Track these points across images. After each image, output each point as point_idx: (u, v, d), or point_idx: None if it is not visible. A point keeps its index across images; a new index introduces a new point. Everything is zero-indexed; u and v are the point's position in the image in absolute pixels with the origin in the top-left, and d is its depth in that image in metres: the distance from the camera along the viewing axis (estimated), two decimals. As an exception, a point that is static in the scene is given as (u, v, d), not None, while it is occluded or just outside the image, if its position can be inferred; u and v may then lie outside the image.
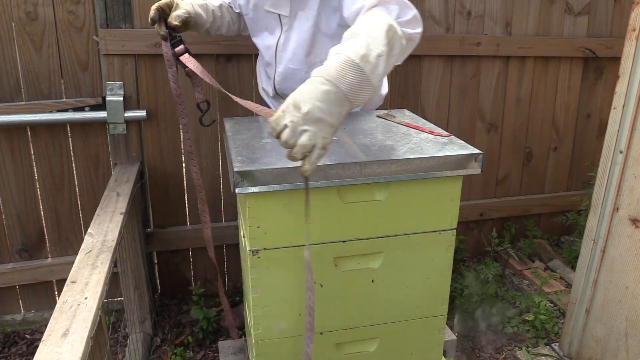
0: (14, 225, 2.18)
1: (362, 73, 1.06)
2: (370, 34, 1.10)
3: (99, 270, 1.30)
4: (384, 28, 1.12)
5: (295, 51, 1.60)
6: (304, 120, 1.00)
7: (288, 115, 1.01)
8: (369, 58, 1.07)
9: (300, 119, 1.00)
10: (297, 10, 1.55)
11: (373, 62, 1.07)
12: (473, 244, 2.91)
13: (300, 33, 1.58)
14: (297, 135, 1.00)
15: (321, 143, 1.03)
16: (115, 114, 2.09)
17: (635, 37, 1.64)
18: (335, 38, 1.56)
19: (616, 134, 1.73)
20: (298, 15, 1.56)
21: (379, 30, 1.11)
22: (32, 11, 1.96)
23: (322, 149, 1.03)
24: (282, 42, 1.63)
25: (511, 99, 2.71)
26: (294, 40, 1.60)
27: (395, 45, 1.15)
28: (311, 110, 1.01)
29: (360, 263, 1.38)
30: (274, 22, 1.64)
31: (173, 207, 2.36)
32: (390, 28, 1.13)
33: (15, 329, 2.29)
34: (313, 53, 1.59)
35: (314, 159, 1.03)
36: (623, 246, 1.74)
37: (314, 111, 1.01)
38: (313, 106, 1.01)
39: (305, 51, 1.59)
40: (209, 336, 2.25)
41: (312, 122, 1.01)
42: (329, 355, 1.46)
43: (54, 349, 1.02)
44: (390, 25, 1.14)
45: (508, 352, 2.20)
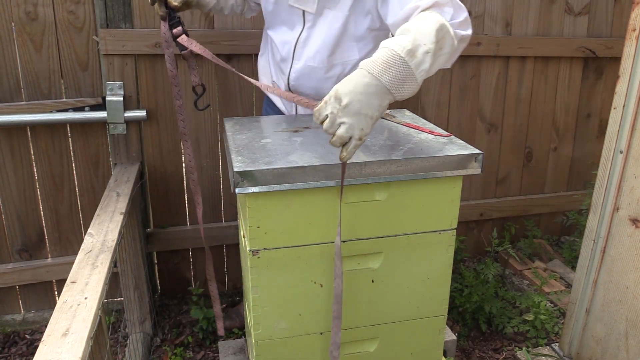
0: (14, 225, 2.18)
1: (407, 67, 1.09)
2: (421, 31, 1.13)
3: (99, 270, 1.30)
4: (435, 27, 1.15)
5: (319, 49, 1.57)
6: (343, 112, 1.07)
7: (329, 106, 1.09)
8: (415, 53, 1.10)
9: (340, 111, 1.07)
10: (325, 8, 1.53)
11: (419, 58, 1.10)
12: (473, 244, 2.91)
13: (326, 32, 1.55)
14: (335, 127, 1.08)
15: (358, 135, 1.09)
16: (115, 114, 2.09)
17: (636, 37, 1.64)
18: (361, 41, 1.55)
19: (616, 134, 1.73)
20: (325, 13, 1.54)
21: (429, 28, 1.14)
22: (32, 11, 1.96)
23: (358, 140, 1.09)
24: (304, 38, 1.59)
25: (511, 99, 2.71)
26: (318, 38, 1.57)
27: (446, 45, 1.17)
28: (350, 103, 1.07)
29: (360, 263, 1.38)
30: (295, 17, 1.60)
31: (173, 207, 2.36)
32: (442, 27, 1.16)
33: (15, 329, 2.29)
34: (336, 54, 1.57)
35: (350, 148, 1.10)
36: (623, 246, 1.74)
37: (353, 104, 1.07)
38: (352, 99, 1.07)
39: (329, 51, 1.56)
40: (209, 336, 2.25)
41: (350, 115, 1.07)
42: (329, 355, 1.45)
43: (54, 349, 1.02)
44: (442, 25, 1.16)
45: (508, 352, 2.20)
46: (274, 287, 1.33)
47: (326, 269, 1.35)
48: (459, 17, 1.26)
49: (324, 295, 1.38)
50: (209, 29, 2.16)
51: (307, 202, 1.28)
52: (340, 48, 1.56)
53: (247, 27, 2.20)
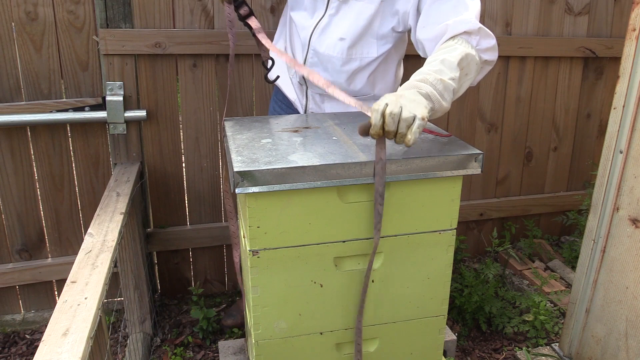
0: (14, 225, 2.18)
1: (440, 102, 1.27)
2: (446, 63, 1.29)
3: (99, 270, 1.30)
4: (459, 57, 1.30)
5: (343, 37, 1.55)
6: (400, 98, 1.18)
7: (386, 98, 1.18)
8: (445, 90, 1.27)
9: (397, 97, 1.18)
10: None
11: (447, 93, 1.28)
12: (473, 244, 2.91)
13: (351, 22, 1.54)
14: (398, 108, 1.15)
15: (420, 114, 1.17)
16: (115, 114, 2.09)
17: (636, 37, 1.64)
18: (382, 40, 1.56)
19: (616, 134, 1.73)
20: (350, 3, 1.53)
21: (454, 59, 1.29)
22: (32, 11, 1.96)
23: (422, 120, 1.17)
24: (324, 25, 1.58)
25: (511, 99, 2.71)
26: (341, 27, 1.56)
27: (471, 71, 1.33)
28: (406, 95, 1.20)
29: (360, 263, 1.38)
30: (319, 3, 1.59)
31: (173, 207, 2.36)
32: (467, 57, 1.31)
33: (15, 329, 2.29)
34: (357, 47, 1.57)
35: (415, 129, 1.16)
36: (623, 246, 1.74)
37: (409, 95, 1.20)
38: (407, 93, 1.21)
39: (351, 42, 1.56)
40: (209, 336, 2.26)
41: (408, 101, 1.18)
42: (329, 355, 1.46)
43: (54, 349, 1.02)
44: (467, 55, 1.31)
45: (508, 352, 2.20)
46: (274, 287, 1.33)
47: (326, 269, 1.35)
48: (485, 45, 1.38)
49: (324, 295, 1.38)
50: (209, 29, 2.16)
51: (307, 202, 1.28)
52: (361, 42, 1.56)
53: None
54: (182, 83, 2.21)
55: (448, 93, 1.27)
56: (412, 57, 2.47)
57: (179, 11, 2.12)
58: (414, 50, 2.42)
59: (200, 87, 2.22)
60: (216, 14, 2.16)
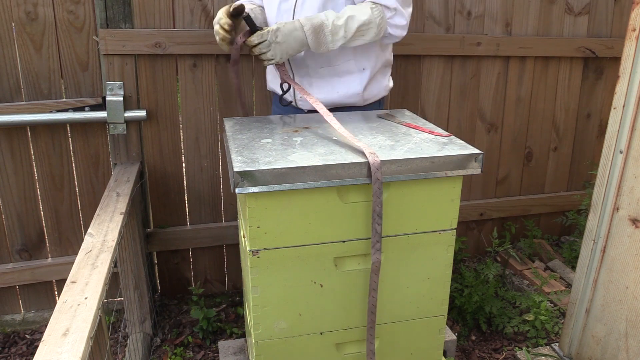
0: (14, 225, 2.18)
1: (326, 40, 1.61)
2: (349, 20, 1.61)
3: (99, 270, 1.30)
4: (360, 21, 1.61)
5: (318, 8, 1.71)
6: (275, 45, 1.59)
7: (270, 36, 1.58)
8: (337, 34, 1.61)
9: (273, 43, 1.59)
10: None
11: (337, 37, 1.62)
12: (473, 244, 2.91)
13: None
14: (265, 50, 1.59)
15: (276, 60, 1.62)
16: (115, 114, 2.09)
17: (636, 37, 1.64)
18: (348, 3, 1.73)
19: (616, 134, 1.73)
20: None
21: (355, 22, 1.61)
22: (32, 11, 1.96)
23: (275, 63, 1.63)
24: (301, 2, 1.72)
25: (511, 99, 2.71)
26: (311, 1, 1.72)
27: (368, 34, 1.64)
28: (282, 43, 1.60)
29: (360, 263, 1.38)
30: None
31: (173, 207, 2.36)
32: (368, 23, 1.62)
33: (15, 329, 2.29)
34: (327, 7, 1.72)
35: (265, 63, 1.64)
36: (623, 246, 1.74)
37: (283, 44, 1.60)
38: (284, 40, 1.60)
39: (323, 8, 1.70)
40: (209, 336, 2.26)
41: (278, 49, 1.60)
42: (329, 355, 1.46)
43: (54, 349, 1.02)
44: (368, 21, 1.61)
45: (508, 352, 2.20)
46: (274, 287, 1.33)
47: (326, 269, 1.36)
48: (395, 21, 1.67)
49: (324, 295, 1.38)
50: (208, 29, 2.16)
51: (307, 202, 1.28)
52: (332, 3, 1.72)
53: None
54: (182, 83, 2.21)
55: (333, 45, 1.62)
56: (412, 57, 2.48)
57: (179, 11, 2.12)
58: (410, 50, 2.43)
59: (200, 87, 2.22)
60: (217, 14, 2.16)
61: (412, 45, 2.41)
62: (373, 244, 1.33)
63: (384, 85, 1.89)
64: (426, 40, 2.44)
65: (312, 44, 1.61)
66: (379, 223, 1.31)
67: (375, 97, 1.87)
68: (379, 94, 1.88)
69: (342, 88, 1.80)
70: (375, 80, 1.85)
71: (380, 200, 1.28)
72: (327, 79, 1.80)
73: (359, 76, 1.80)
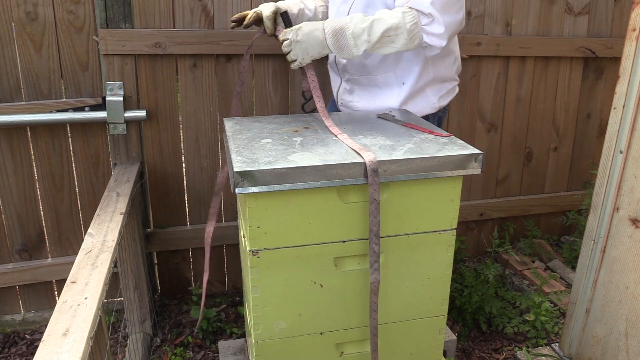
0: (14, 225, 2.18)
1: (347, 44, 1.53)
2: (375, 24, 1.51)
3: (99, 270, 1.30)
4: (386, 26, 1.50)
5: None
6: (295, 44, 1.55)
7: (291, 34, 1.56)
8: (359, 38, 1.52)
9: (294, 42, 1.56)
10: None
11: (360, 42, 1.53)
12: (473, 244, 2.91)
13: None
14: (288, 48, 1.57)
15: (299, 61, 1.58)
16: (115, 114, 2.09)
17: (636, 37, 1.64)
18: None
19: (616, 134, 1.73)
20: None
21: (382, 26, 1.50)
22: (32, 11, 1.96)
23: (299, 64, 1.58)
24: (357, 5, 1.71)
25: (511, 99, 2.71)
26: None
27: (398, 40, 1.52)
28: (301, 42, 1.55)
29: (360, 263, 1.38)
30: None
31: (173, 207, 2.36)
32: (397, 28, 1.50)
33: (15, 329, 2.29)
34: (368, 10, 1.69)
35: (292, 65, 1.59)
36: (623, 246, 1.74)
37: (302, 43, 1.55)
38: (304, 39, 1.55)
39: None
40: (209, 336, 2.26)
41: (298, 48, 1.56)
42: (329, 355, 1.46)
43: (54, 349, 1.02)
44: (397, 26, 1.50)
45: (508, 352, 2.20)
46: (274, 287, 1.33)
47: (326, 269, 1.36)
48: (431, 29, 1.53)
49: (324, 295, 1.38)
50: (209, 28, 2.16)
51: (307, 202, 1.28)
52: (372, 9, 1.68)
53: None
54: (182, 83, 2.21)
55: (356, 51, 1.53)
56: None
57: (179, 11, 2.12)
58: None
59: (200, 87, 2.22)
60: (216, 13, 2.16)
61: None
62: (371, 264, 1.33)
63: (431, 103, 1.78)
64: (426, 40, 2.44)
65: (332, 46, 1.53)
66: (377, 243, 1.31)
67: (418, 114, 1.76)
68: (423, 111, 1.78)
69: (379, 100, 1.77)
70: (420, 96, 1.76)
71: (378, 220, 1.28)
72: (367, 88, 1.78)
73: (397, 90, 1.74)
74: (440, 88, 1.80)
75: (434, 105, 1.80)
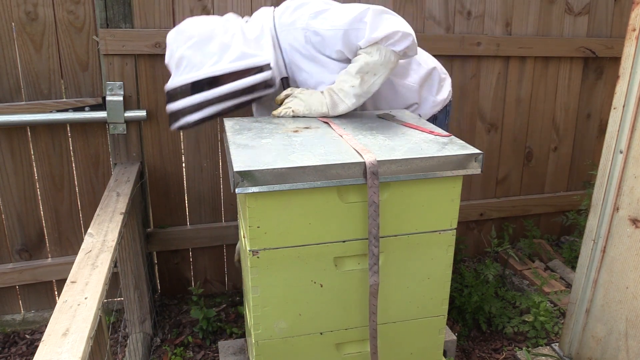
0: (14, 225, 2.18)
1: (342, 101, 1.62)
2: (344, 75, 1.60)
3: (99, 270, 1.30)
4: (356, 69, 1.57)
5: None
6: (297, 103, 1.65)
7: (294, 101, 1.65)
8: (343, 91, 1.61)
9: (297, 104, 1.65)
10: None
11: (350, 94, 1.60)
12: (473, 244, 2.91)
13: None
14: (287, 109, 1.65)
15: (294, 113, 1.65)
16: (115, 114, 2.09)
17: (636, 37, 1.64)
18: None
19: (616, 134, 1.73)
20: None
21: (352, 70, 1.58)
22: (32, 11, 1.96)
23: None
24: None
25: (511, 99, 2.71)
26: None
27: (378, 71, 1.57)
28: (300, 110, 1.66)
29: (360, 263, 1.38)
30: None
31: (173, 207, 2.36)
32: (366, 65, 1.55)
33: (15, 329, 2.29)
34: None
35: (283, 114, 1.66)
36: (623, 246, 1.74)
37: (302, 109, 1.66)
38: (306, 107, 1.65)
39: None
40: (209, 336, 2.26)
41: (301, 109, 1.65)
42: (329, 355, 1.46)
43: (54, 349, 1.02)
44: (366, 63, 1.55)
45: (508, 352, 2.20)
46: (274, 287, 1.33)
47: (326, 269, 1.35)
48: (401, 46, 1.55)
49: (324, 295, 1.38)
50: (209, 29, 2.16)
51: (306, 202, 1.28)
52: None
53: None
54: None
55: (345, 95, 1.59)
56: (412, 57, 2.48)
57: (179, 11, 2.12)
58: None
59: (200, 87, 2.22)
60: (216, 13, 2.16)
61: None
62: (371, 266, 1.33)
63: (431, 102, 1.87)
64: (426, 40, 2.43)
65: (329, 105, 1.62)
66: (376, 245, 1.31)
67: (425, 117, 1.88)
68: (428, 113, 1.88)
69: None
70: (424, 104, 1.86)
71: (377, 223, 1.28)
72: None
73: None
74: (432, 83, 1.87)
75: (435, 102, 1.88)
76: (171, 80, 1.61)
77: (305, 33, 1.60)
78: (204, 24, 1.62)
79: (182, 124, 1.59)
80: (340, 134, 1.46)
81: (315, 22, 1.58)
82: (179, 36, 1.60)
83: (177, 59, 1.59)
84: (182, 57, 1.58)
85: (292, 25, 1.62)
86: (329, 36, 1.57)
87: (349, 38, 1.55)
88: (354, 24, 1.53)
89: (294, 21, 1.62)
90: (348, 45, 1.57)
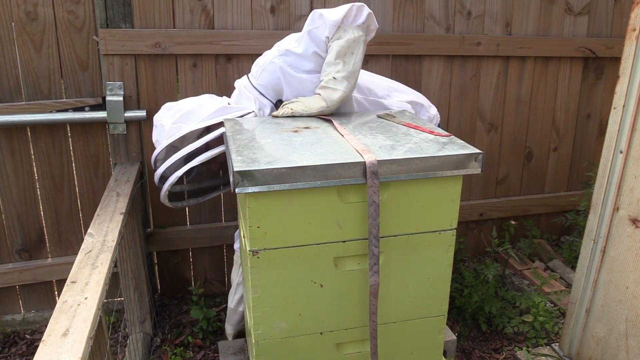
0: (14, 225, 2.18)
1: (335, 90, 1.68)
2: (328, 63, 1.67)
3: (99, 270, 1.30)
4: (336, 52, 1.65)
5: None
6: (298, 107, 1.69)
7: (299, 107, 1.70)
8: (330, 82, 1.68)
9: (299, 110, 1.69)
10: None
11: (337, 83, 1.68)
12: (473, 244, 2.91)
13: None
14: (288, 109, 1.68)
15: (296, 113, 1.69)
16: (115, 114, 2.09)
17: (636, 37, 1.64)
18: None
19: (616, 134, 1.73)
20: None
21: (332, 54, 1.66)
22: (32, 11, 1.96)
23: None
24: None
25: (511, 99, 2.71)
26: None
27: (354, 48, 1.65)
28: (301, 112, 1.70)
29: (360, 263, 1.38)
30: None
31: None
32: (341, 48, 1.64)
33: (15, 329, 2.29)
34: None
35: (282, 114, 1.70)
36: (623, 246, 1.74)
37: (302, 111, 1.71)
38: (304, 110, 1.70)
39: None
40: (209, 336, 2.25)
41: (299, 111, 1.69)
42: (329, 355, 1.46)
43: (54, 349, 1.02)
44: (341, 46, 1.64)
45: (508, 352, 2.20)
46: (274, 287, 1.33)
47: (326, 269, 1.35)
48: (360, 20, 1.65)
49: (324, 295, 1.38)
50: (208, 29, 2.16)
51: (306, 202, 1.28)
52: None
53: (247, 27, 2.20)
54: (182, 83, 2.21)
55: (336, 82, 1.66)
56: (412, 57, 2.48)
57: (179, 11, 2.12)
58: (410, 50, 2.43)
59: (200, 87, 2.22)
60: (216, 13, 2.16)
61: (412, 45, 2.41)
62: (371, 266, 1.33)
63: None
64: (426, 40, 2.44)
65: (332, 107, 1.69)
66: (376, 245, 1.31)
67: None
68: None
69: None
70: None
71: (377, 223, 1.28)
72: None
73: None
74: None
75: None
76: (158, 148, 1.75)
77: (280, 60, 1.71)
78: (191, 100, 1.79)
79: (169, 185, 1.72)
80: (341, 133, 1.46)
81: (283, 45, 1.74)
82: (169, 112, 1.75)
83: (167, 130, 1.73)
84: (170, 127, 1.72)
85: (265, 64, 1.74)
86: (300, 45, 1.70)
87: (315, 35, 1.67)
88: (314, 23, 1.67)
89: (265, 61, 1.75)
90: (318, 43, 1.68)
